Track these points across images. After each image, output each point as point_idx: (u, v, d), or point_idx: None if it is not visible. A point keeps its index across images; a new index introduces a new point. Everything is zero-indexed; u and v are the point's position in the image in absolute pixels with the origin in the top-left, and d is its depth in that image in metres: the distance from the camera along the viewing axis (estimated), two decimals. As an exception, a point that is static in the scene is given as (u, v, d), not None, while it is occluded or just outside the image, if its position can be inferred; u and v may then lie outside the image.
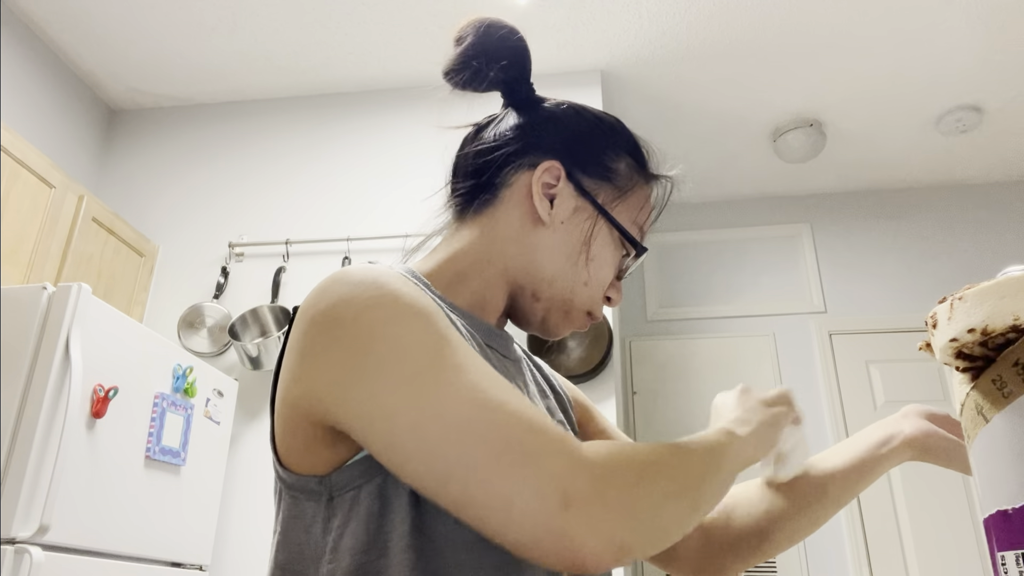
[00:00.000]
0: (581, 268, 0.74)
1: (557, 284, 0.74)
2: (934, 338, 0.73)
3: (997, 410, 0.57)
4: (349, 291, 0.60)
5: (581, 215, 0.74)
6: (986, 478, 0.60)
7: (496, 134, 0.77)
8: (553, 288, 0.74)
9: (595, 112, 0.80)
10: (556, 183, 0.74)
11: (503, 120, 0.79)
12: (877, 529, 3.11)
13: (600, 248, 0.75)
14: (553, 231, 0.74)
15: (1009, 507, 0.54)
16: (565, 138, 0.76)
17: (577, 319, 0.77)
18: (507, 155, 0.76)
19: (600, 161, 0.76)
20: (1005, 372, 0.56)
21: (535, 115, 0.78)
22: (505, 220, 0.75)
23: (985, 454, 0.60)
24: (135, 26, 2.86)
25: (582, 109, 0.80)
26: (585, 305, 0.76)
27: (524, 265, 0.74)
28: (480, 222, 0.76)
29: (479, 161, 0.77)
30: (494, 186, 0.76)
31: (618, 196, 0.76)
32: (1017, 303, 0.54)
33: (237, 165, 3.12)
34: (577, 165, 0.75)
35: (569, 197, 0.74)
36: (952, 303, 0.59)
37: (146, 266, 2.89)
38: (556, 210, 0.74)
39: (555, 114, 0.78)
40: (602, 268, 0.75)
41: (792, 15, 2.73)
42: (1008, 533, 0.54)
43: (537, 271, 0.74)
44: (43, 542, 1.71)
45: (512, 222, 0.74)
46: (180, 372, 2.22)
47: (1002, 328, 0.55)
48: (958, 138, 3.38)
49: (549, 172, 0.74)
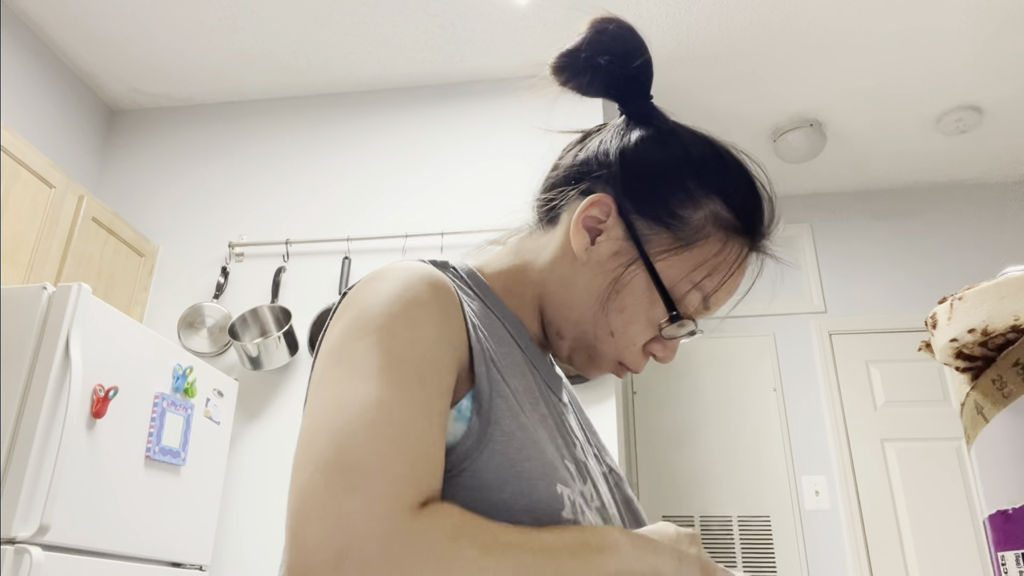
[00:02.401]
0: (607, 316, 0.67)
1: (581, 327, 0.68)
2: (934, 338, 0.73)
3: (997, 410, 0.57)
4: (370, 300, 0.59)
5: (621, 259, 0.66)
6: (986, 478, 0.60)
7: (589, 148, 0.71)
8: (577, 329, 0.69)
9: (690, 141, 0.69)
10: (605, 219, 0.67)
11: (604, 133, 0.71)
12: (877, 529, 3.11)
13: (633, 300, 0.66)
14: (588, 269, 0.67)
15: (1009, 507, 0.54)
16: (633, 169, 0.67)
17: (606, 365, 0.70)
18: (578, 176, 0.70)
19: (664, 203, 0.66)
20: (1005, 372, 0.56)
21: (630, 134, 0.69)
22: (552, 246, 0.70)
23: (985, 454, 0.60)
24: (135, 26, 2.86)
25: (674, 136, 0.70)
26: (612, 355, 0.69)
27: (553, 298, 0.69)
28: (538, 240, 0.72)
29: (559, 175, 0.72)
30: (558, 207, 0.70)
31: (675, 246, 0.66)
32: (1017, 303, 0.54)
33: (237, 165, 3.12)
34: (634, 202, 0.66)
35: (615, 236, 0.66)
36: (952, 303, 0.59)
37: (146, 266, 2.89)
38: (596, 247, 0.67)
39: (643, 138, 0.69)
40: (632, 324, 0.67)
41: (792, 15, 2.73)
42: (1008, 533, 0.54)
43: (563, 307, 0.69)
44: (43, 542, 1.71)
45: (556, 249, 0.69)
46: (180, 372, 2.22)
47: (1002, 328, 0.55)
48: (958, 138, 3.38)
49: (596, 205, 0.67)
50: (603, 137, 0.70)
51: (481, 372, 0.60)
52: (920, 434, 3.26)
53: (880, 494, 3.17)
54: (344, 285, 2.78)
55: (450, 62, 3.01)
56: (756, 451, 3.30)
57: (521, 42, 2.90)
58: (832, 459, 3.24)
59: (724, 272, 0.67)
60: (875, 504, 3.15)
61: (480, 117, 3.04)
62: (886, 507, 3.15)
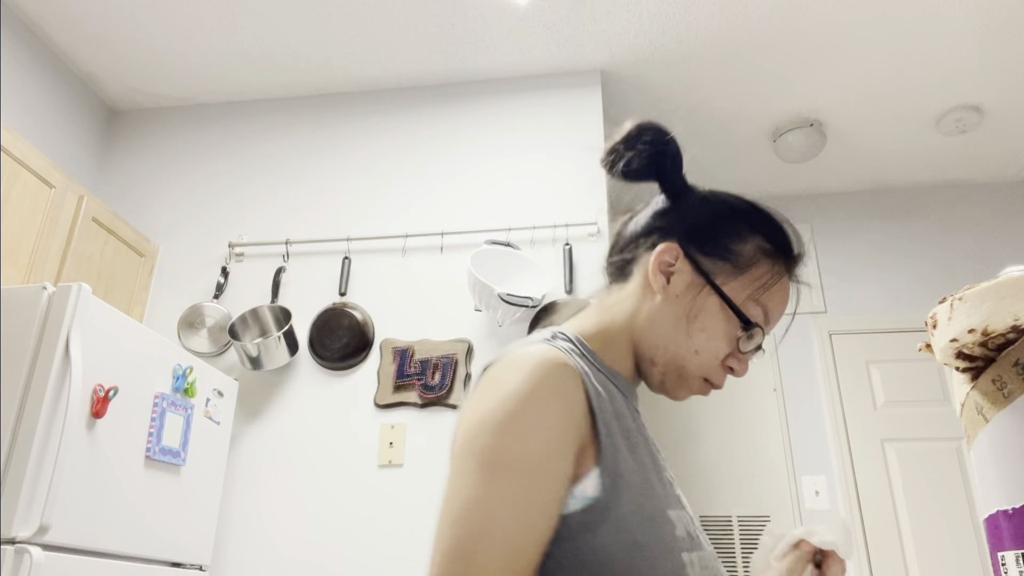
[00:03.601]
0: (691, 337, 0.82)
1: (670, 351, 0.83)
2: (934, 338, 0.73)
3: (997, 410, 0.57)
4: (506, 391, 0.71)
5: (694, 290, 0.83)
6: (986, 478, 0.60)
7: (641, 218, 0.89)
8: (667, 354, 0.83)
9: (729, 199, 0.88)
10: (674, 262, 0.83)
11: (649, 208, 0.90)
12: (877, 529, 3.11)
13: (711, 320, 0.82)
14: (668, 303, 0.83)
15: (1009, 507, 0.54)
16: (689, 222, 0.85)
17: (694, 385, 0.85)
18: (642, 236, 0.87)
19: (720, 243, 0.84)
20: (1005, 372, 0.56)
21: (674, 203, 0.87)
22: (634, 293, 0.86)
23: (985, 454, 0.60)
24: (135, 26, 2.86)
25: (714, 197, 0.88)
26: (699, 372, 0.84)
27: (644, 332, 0.84)
28: (617, 296, 0.88)
29: (624, 241, 0.89)
30: (630, 263, 0.87)
31: (736, 272, 0.83)
32: (1017, 303, 0.54)
33: (237, 165, 3.12)
34: (695, 246, 0.84)
35: (686, 274, 0.83)
36: (952, 303, 0.59)
37: (146, 266, 2.89)
38: (672, 285, 0.83)
39: (688, 202, 0.87)
40: (713, 340, 0.82)
41: (792, 15, 2.73)
42: (1008, 533, 0.54)
43: (653, 338, 0.83)
44: (43, 542, 1.71)
45: (638, 295, 0.85)
46: (180, 372, 2.22)
47: (1002, 328, 0.55)
48: (958, 138, 3.38)
49: (667, 252, 0.84)
50: (652, 209, 0.89)
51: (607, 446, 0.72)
52: (920, 434, 3.26)
53: (880, 494, 3.17)
54: (344, 285, 2.78)
55: (450, 62, 3.01)
56: (756, 451, 3.30)
57: (521, 42, 2.90)
58: (832, 459, 3.24)
59: (774, 287, 0.84)
60: (875, 504, 3.15)
61: (480, 117, 3.04)
62: (886, 507, 3.15)
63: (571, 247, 2.71)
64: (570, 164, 2.88)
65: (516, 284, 2.64)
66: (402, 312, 2.74)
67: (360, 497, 2.49)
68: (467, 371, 2.60)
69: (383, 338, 2.70)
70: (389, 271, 2.82)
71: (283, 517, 2.51)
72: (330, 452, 2.57)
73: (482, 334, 2.66)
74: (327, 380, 2.68)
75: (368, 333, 2.70)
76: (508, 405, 0.68)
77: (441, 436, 2.53)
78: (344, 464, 2.55)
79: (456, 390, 2.57)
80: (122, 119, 3.30)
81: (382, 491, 2.49)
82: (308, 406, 2.65)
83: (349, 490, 2.51)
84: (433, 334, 2.69)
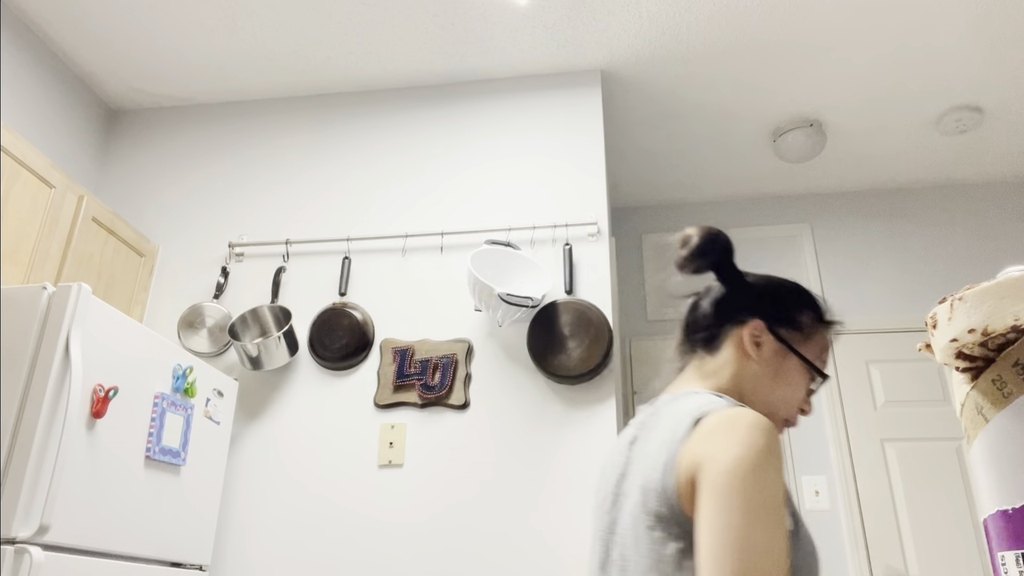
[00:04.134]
0: (780, 390, 1.06)
1: (767, 402, 1.06)
2: (934, 338, 0.73)
3: (997, 410, 0.57)
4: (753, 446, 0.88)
5: (780, 354, 1.07)
6: (986, 478, 0.60)
7: (711, 302, 1.12)
8: (764, 405, 1.06)
9: (782, 281, 1.14)
10: (760, 334, 1.07)
11: (713, 292, 1.13)
12: (877, 529, 3.11)
13: (794, 376, 1.06)
14: (761, 366, 1.06)
15: (1009, 507, 0.54)
16: (764, 302, 1.10)
17: (779, 426, 1.09)
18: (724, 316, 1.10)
19: (790, 315, 1.09)
20: (1005, 372, 0.56)
21: (739, 287, 1.11)
22: (731, 360, 1.08)
23: (985, 454, 0.60)
24: (135, 26, 2.87)
25: (773, 279, 1.14)
26: (784, 415, 1.08)
27: (743, 389, 1.07)
28: (715, 362, 1.09)
29: (702, 319, 1.12)
30: (717, 337, 1.10)
31: (804, 338, 1.08)
32: (1017, 303, 0.54)
33: (237, 165, 3.12)
34: (773, 319, 1.08)
35: (770, 342, 1.07)
36: (952, 303, 0.59)
37: (146, 266, 2.90)
38: (762, 351, 1.07)
39: (755, 286, 1.11)
40: (796, 390, 1.07)
41: (792, 15, 2.73)
42: (1008, 533, 0.54)
43: (752, 392, 1.06)
44: (43, 542, 1.71)
45: (735, 360, 1.08)
46: (180, 372, 2.22)
47: (1002, 328, 0.55)
48: (958, 138, 3.38)
49: (755, 327, 1.07)
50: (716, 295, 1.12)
51: (789, 490, 0.96)
52: (920, 434, 3.26)
53: (880, 494, 3.17)
54: (344, 285, 2.78)
55: (450, 62, 3.01)
56: (756, 451, 3.29)
57: (521, 42, 2.90)
58: (832, 459, 3.24)
59: (826, 345, 1.12)
60: (875, 504, 3.15)
61: (480, 117, 3.04)
62: (886, 507, 3.15)
63: (571, 247, 2.71)
64: (570, 164, 2.88)
65: (516, 284, 2.64)
66: (402, 312, 2.74)
67: (360, 497, 2.49)
68: (467, 371, 2.60)
69: (383, 338, 2.70)
70: (389, 271, 2.82)
71: (283, 517, 2.51)
72: (330, 452, 2.57)
73: (482, 334, 2.66)
74: (327, 380, 2.68)
75: (368, 333, 2.70)
76: (755, 457, 0.84)
77: (441, 436, 2.53)
78: (344, 464, 2.55)
79: (456, 390, 2.57)
80: (122, 119, 3.30)
81: (382, 491, 2.49)
82: (308, 406, 2.65)
83: (349, 490, 2.51)
84: (433, 334, 2.69)
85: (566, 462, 2.45)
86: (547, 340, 2.55)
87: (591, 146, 2.90)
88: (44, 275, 2.39)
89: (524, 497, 2.42)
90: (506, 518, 2.41)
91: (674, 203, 3.92)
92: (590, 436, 2.47)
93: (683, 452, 0.89)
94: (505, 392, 2.57)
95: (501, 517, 2.41)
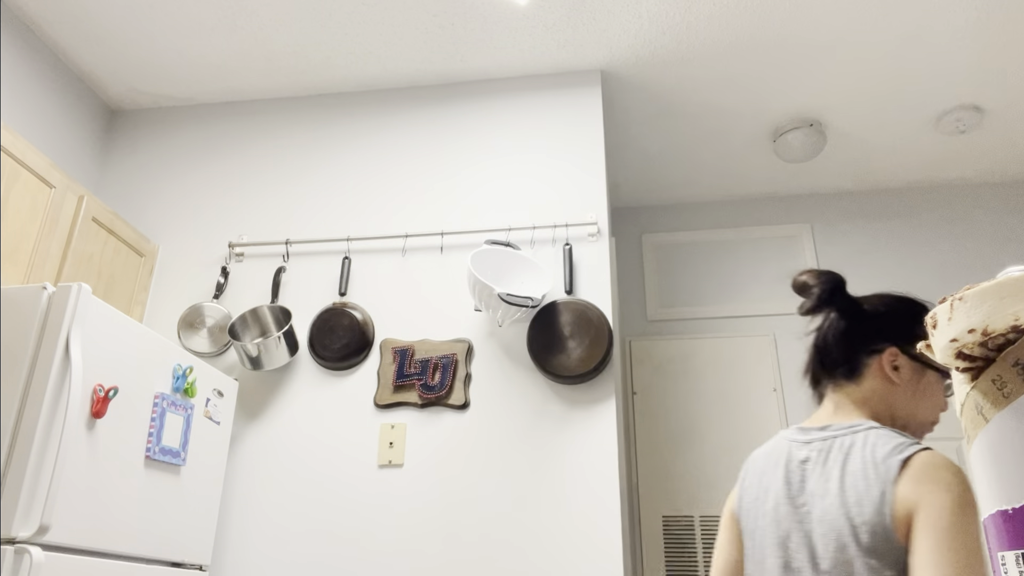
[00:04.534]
0: (924, 401, 1.16)
1: (917, 418, 1.16)
2: (934, 338, 0.73)
3: (997, 410, 0.57)
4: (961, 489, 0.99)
5: (917, 371, 1.15)
6: (985, 478, 0.60)
7: (838, 335, 1.20)
8: (914, 421, 1.16)
9: (894, 298, 1.21)
10: (896, 358, 1.15)
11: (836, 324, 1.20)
12: (877, 529, 3.11)
13: (932, 386, 1.16)
14: (904, 387, 1.15)
15: (1009, 507, 0.54)
16: (892, 326, 1.18)
17: (927, 430, 1.19)
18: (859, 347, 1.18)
19: (914, 332, 1.16)
20: (1005, 372, 0.56)
21: (862, 318, 1.19)
22: (877, 387, 1.16)
23: (985, 454, 0.60)
24: (135, 26, 2.87)
25: (887, 299, 1.21)
26: (931, 420, 1.17)
27: (895, 412, 1.16)
28: (861, 391, 1.17)
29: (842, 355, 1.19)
30: (857, 367, 1.18)
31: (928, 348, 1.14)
32: (1017, 303, 0.54)
33: (237, 165, 3.12)
34: (904, 340, 1.16)
35: (906, 362, 1.15)
36: (952, 303, 0.59)
37: (146, 266, 2.90)
38: (901, 373, 1.15)
39: (878, 311, 1.19)
40: (937, 397, 1.17)
41: (792, 15, 2.73)
42: (1008, 533, 0.54)
43: (905, 414, 1.16)
44: (43, 542, 1.71)
45: (881, 387, 1.16)
46: (180, 372, 2.22)
47: (1002, 328, 0.54)
48: (958, 138, 3.38)
49: (892, 354, 1.15)
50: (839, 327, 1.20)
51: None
52: (920, 434, 3.26)
53: (880, 494, 3.17)
54: (344, 285, 2.78)
55: (450, 62, 3.01)
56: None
57: (521, 42, 2.90)
58: (832, 459, 3.24)
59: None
60: (875, 504, 3.15)
61: (480, 117, 3.04)
62: (886, 507, 3.14)
63: (571, 247, 2.71)
64: (570, 164, 2.88)
65: (516, 284, 2.64)
66: (402, 312, 2.74)
67: (360, 497, 2.49)
68: (467, 371, 2.60)
69: (383, 338, 2.70)
70: (389, 271, 2.82)
71: (283, 517, 2.51)
72: (330, 452, 2.57)
73: (482, 334, 2.66)
74: (327, 380, 2.68)
75: (368, 333, 2.70)
76: (969, 498, 0.96)
77: (441, 436, 2.53)
78: (344, 464, 2.55)
79: (456, 390, 2.57)
80: (122, 119, 3.30)
81: (382, 491, 2.49)
82: (308, 406, 2.65)
83: (349, 490, 2.51)
84: (433, 334, 2.69)
85: (566, 462, 2.45)
86: (547, 340, 2.55)
87: (591, 146, 2.90)
88: (44, 275, 2.39)
89: (524, 497, 2.42)
90: (506, 518, 2.41)
91: (674, 203, 3.92)
92: (590, 436, 2.47)
93: (898, 492, 0.99)
94: (505, 392, 2.57)
95: (501, 517, 2.41)
